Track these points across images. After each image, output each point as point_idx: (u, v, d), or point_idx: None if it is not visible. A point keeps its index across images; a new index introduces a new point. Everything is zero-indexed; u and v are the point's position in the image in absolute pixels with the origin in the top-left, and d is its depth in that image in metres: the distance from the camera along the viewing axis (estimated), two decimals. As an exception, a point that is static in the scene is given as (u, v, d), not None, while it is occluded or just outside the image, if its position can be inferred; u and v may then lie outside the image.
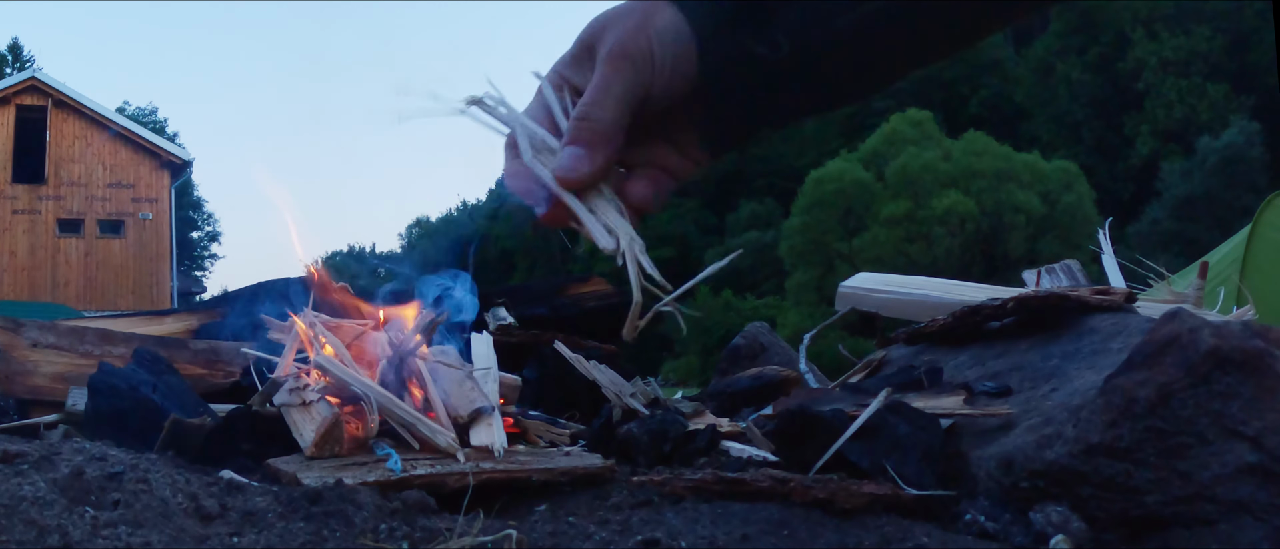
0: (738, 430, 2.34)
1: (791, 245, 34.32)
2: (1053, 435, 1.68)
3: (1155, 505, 1.49)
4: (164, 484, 1.47)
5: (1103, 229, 4.01)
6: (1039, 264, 4.25)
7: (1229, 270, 4.82)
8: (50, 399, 2.73)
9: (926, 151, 32.67)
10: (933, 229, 31.29)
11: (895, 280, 4.12)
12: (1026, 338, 2.51)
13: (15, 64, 37.99)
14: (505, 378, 2.60)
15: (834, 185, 33.24)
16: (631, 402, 2.40)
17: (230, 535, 1.35)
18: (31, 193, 18.07)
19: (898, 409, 1.91)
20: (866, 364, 3.10)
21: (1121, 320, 2.36)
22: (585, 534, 1.49)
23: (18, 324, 2.90)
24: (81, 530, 1.24)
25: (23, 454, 1.54)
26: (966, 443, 1.90)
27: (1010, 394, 2.13)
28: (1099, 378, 1.79)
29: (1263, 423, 1.46)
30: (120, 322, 3.55)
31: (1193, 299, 3.25)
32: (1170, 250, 22.69)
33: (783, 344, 3.98)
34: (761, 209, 42.12)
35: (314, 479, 1.68)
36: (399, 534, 1.39)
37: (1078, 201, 31.38)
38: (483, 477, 1.76)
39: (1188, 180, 30.49)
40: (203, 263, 46.00)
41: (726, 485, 1.63)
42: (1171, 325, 1.59)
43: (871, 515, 1.54)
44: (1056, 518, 1.53)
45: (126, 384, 2.18)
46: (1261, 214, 4.96)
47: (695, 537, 1.43)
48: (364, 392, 2.03)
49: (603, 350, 3.21)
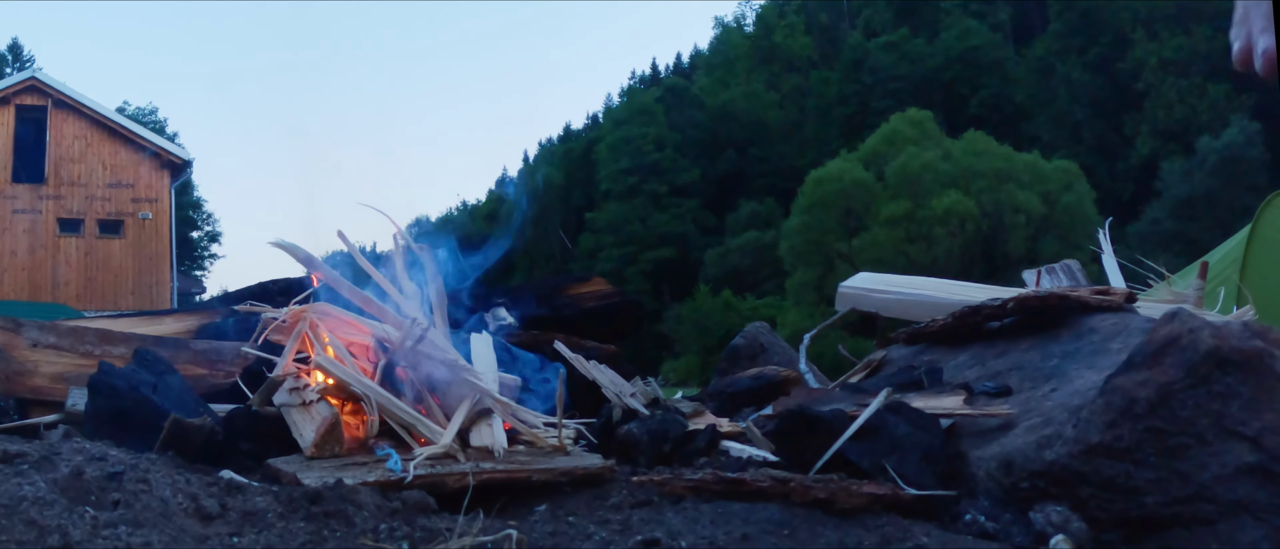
0: (738, 430, 2.34)
1: (791, 245, 34.30)
2: (1053, 435, 1.68)
3: (1155, 506, 1.49)
4: (164, 484, 1.47)
5: (1103, 229, 4.00)
6: (1039, 264, 4.25)
7: (1229, 270, 4.82)
8: (50, 399, 2.73)
9: (926, 151, 32.65)
10: (933, 229, 31.28)
11: (895, 280, 4.12)
12: (1026, 338, 2.52)
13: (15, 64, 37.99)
14: (505, 377, 2.61)
15: (834, 185, 33.23)
16: (631, 402, 2.40)
17: (230, 535, 1.35)
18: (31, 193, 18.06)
19: (898, 409, 1.91)
20: (866, 364, 3.10)
21: (1121, 320, 2.36)
22: (585, 534, 1.48)
23: (18, 324, 2.90)
24: (81, 530, 1.24)
25: (23, 454, 1.54)
26: (966, 443, 1.90)
27: (1010, 394, 2.13)
28: (1099, 378, 1.79)
29: (1262, 423, 1.46)
30: (120, 322, 3.55)
31: (1193, 299, 3.25)
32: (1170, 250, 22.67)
33: (783, 344, 3.97)
34: (761, 209, 42.11)
35: (314, 479, 1.68)
36: (399, 534, 1.39)
37: (1078, 201, 31.36)
38: (483, 477, 1.76)
39: (1188, 180, 30.47)
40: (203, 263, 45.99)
41: (726, 485, 1.63)
42: (1171, 326, 1.59)
43: (871, 515, 1.54)
44: (1056, 518, 1.53)
45: (126, 384, 2.18)
46: (1261, 214, 4.96)
47: (695, 537, 1.43)
48: (363, 391, 2.03)
49: (603, 350, 3.22)
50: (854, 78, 44.19)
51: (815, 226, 33.50)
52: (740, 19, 55.35)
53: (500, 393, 2.37)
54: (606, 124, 51.20)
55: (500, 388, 2.45)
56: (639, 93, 52.92)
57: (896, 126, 34.79)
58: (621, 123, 47.65)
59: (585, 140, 53.52)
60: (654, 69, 61.62)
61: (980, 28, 43.19)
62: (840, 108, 44.35)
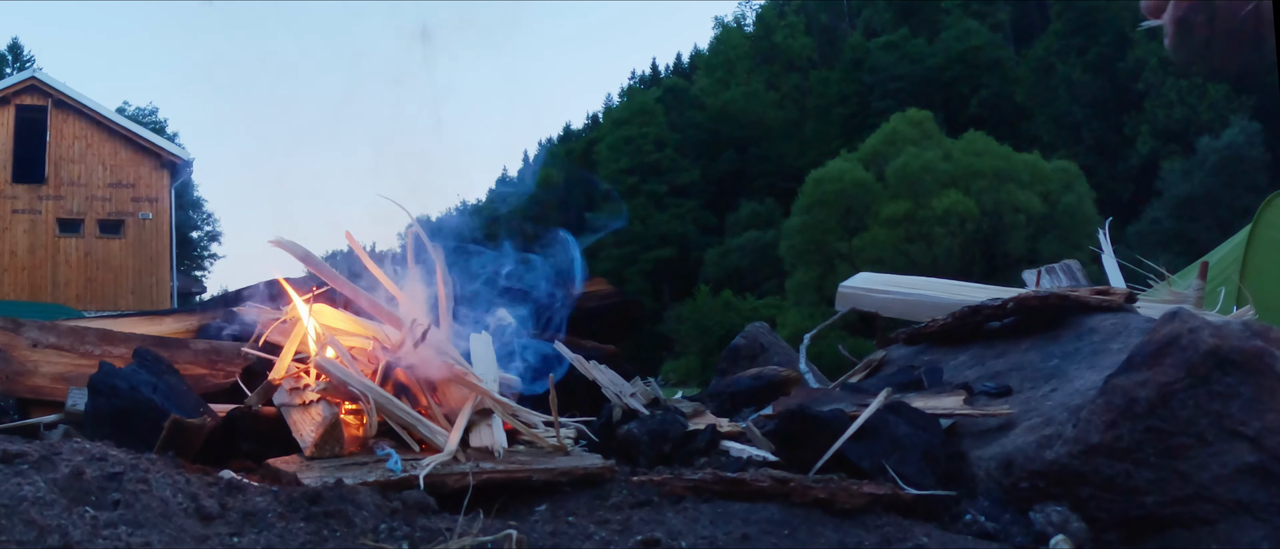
0: (738, 430, 2.34)
1: (791, 245, 34.30)
2: (1053, 435, 1.68)
3: (1155, 506, 1.49)
4: (164, 484, 1.47)
5: (1103, 229, 4.00)
6: (1039, 264, 4.25)
7: (1229, 270, 4.82)
8: (50, 399, 2.73)
9: (926, 151, 32.64)
10: (933, 229, 31.27)
11: (895, 280, 4.12)
12: (1026, 338, 2.51)
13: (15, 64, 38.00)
14: (505, 377, 2.60)
15: (834, 185, 33.22)
16: (631, 402, 2.40)
17: (230, 535, 1.35)
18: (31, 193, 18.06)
19: (898, 409, 1.91)
20: (866, 364, 3.10)
21: (1121, 320, 2.36)
22: (585, 534, 1.48)
23: (18, 324, 2.89)
24: (81, 530, 1.24)
25: (23, 454, 1.53)
26: (966, 443, 1.90)
27: (1010, 394, 2.13)
28: (1099, 378, 1.79)
29: (1262, 423, 1.46)
30: (120, 322, 3.54)
31: (1193, 299, 3.24)
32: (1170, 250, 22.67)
33: (783, 344, 3.97)
34: (761, 209, 42.11)
35: (314, 479, 1.68)
36: (399, 534, 1.39)
37: (1078, 201, 31.35)
38: (483, 477, 1.76)
39: (1188, 180, 30.46)
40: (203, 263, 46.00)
41: (726, 485, 1.63)
42: (1171, 326, 1.59)
43: (871, 515, 1.54)
44: (1056, 518, 1.53)
45: (127, 384, 2.18)
46: (1261, 214, 4.95)
47: (695, 537, 1.43)
48: (363, 391, 2.03)
49: (603, 350, 3.21)
50: (854, 78, 44.20)
51: (815, 227, 33.49)
52: (740, 19, 55.34)
53: (500, 393, 2.37)
54: (606, 124, 51.18)
55: (500, 388, 2.45)
56: (639, 93, 52.89)
57: (896, 126, 34.78)
58: (621, 123, 47.63)
59: (585, 140, 53.51)
60: (654, 69, 61.62)
61: (980, 28, 43.18)
62: (840, 108, 44.35)
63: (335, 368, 2.09)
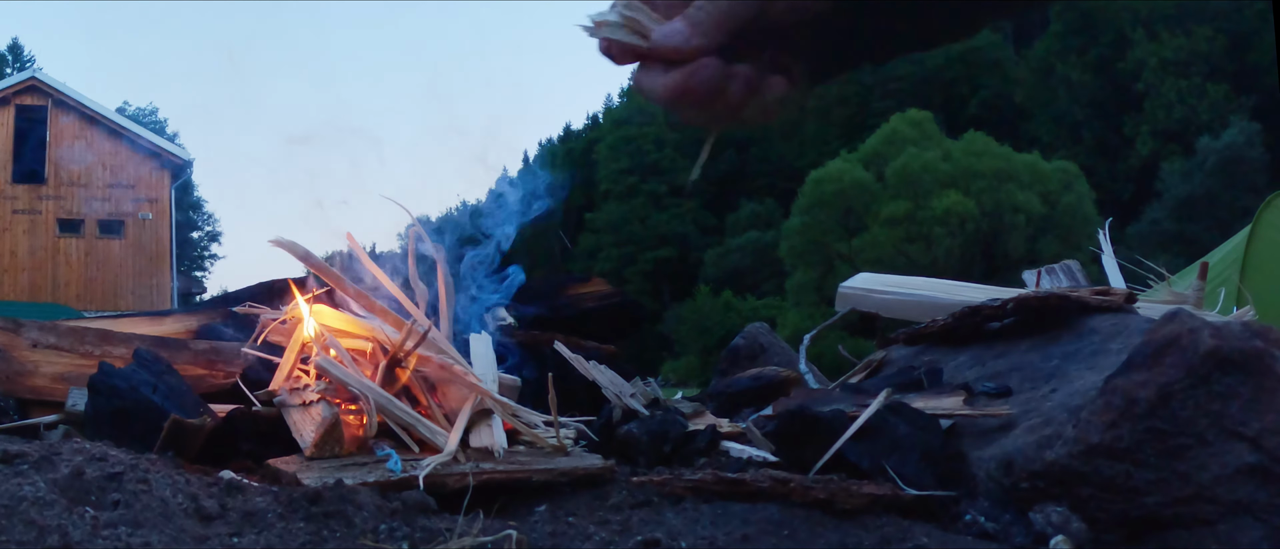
0: (738, 430, 2.34)
1: (791, 245, 34.32)
2: (1053, 436, 1.68)
3: (1155, 506, 1.49)
4: (164, 484, 1.47)
5: (1103, 229, 4.00)
6: (1039, 264, 4.25)
7: (1229, 271, 4.82)
8: (50, 399, 2.73)
9: (926, 152, 32.67)
10: (933, 229, 31.30)
11: (895, 281, 4.12)
12: (1026, 338, 2.52)
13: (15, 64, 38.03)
14: (504, 378, 2.60)
15: (834, 185, 33.25)
16: (631, 402, 2.40)
17: (230, 535, 1.35)
18: (31, 193, 18.08)
19: (898, 409, 1.91)
20: (866, 364, 3.10)
21: (1121, 321, 2.36)
22: (585, 534, 1.49)
23: (18, 324, 2.89)
24: (81, 531, 1.24)
25: (23, 454, 1.53)
26: (966, 443, 1.90)
27: (1010, 394, 2.13)
28: (1099, 378, 1.79)
29: (1262, 423, 1.46)
30: (120, 322, 3.54)
31: (1193, 300, 3.25)
32: (1170, 251, 22.69)
33: (783, 344, 3.97)
34: (761, 209, 42.15)
35: (314, 479, 1.68)
36: (399, 534, 1.39)
37: (1078, 202, 31.39)
38: (483, 477, 1.76)
39: (1188, 181, 30.51)
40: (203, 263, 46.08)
41: (726, 485, 1.63)
42: (1171, 326, 1.59)
43: (871, 515, 1.54)
44: (1056, 518, 1.53)
45: (127, 384, 2.18)
46: (1261, 214, 4.96)
47: (695, 537, 1.43)
48: (362, 391, 2.03)
49: (603, 350, 3.21)
50: (854, 78, 44.19)
51: (815, 227, 33.53)
52: (741, 19, 55.18)
53: (500, 393, 2.37)
54: (606, 124, 51.20)
55: (500, 388, 2.45)
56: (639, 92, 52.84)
57: (896, 127, 34.81)
58: (621, 123, 47.67)
59: (585, 140, 53.52)
60: (654, 69, 61.45)
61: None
62: (840, 108, 44.38)
63: (335, 368, 2.09)
